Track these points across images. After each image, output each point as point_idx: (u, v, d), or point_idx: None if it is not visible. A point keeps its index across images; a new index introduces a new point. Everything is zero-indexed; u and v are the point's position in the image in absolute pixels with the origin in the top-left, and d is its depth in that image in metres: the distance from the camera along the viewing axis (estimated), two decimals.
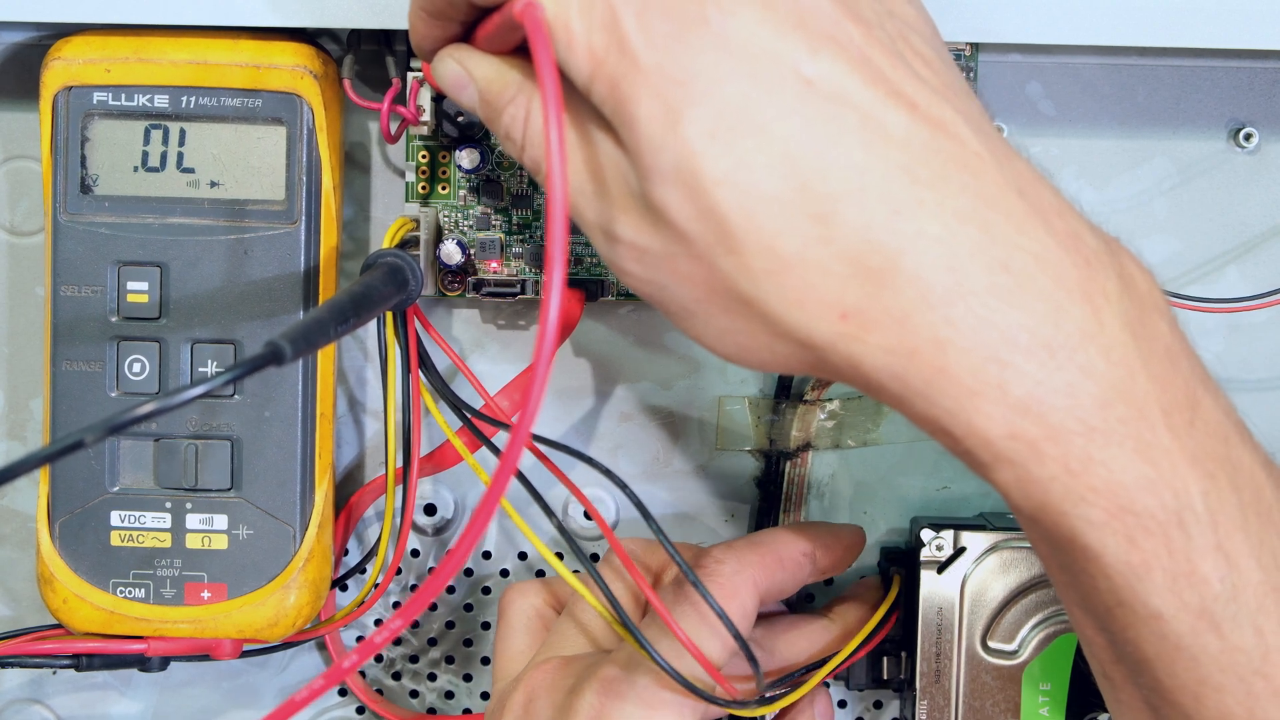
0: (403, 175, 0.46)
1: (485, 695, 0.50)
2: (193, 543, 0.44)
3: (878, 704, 0.50)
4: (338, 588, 0.48)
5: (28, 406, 0.48)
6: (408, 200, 0.45)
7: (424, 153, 0.45)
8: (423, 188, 0.45)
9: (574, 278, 0.45)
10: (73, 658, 0.44)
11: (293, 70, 0.42)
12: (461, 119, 0.44)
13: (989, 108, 0.45)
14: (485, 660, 0.50)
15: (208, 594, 0.43)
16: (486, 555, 0.49)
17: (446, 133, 0.44)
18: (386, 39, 0.44)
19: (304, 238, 0.43)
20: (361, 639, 0.49)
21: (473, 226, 0.45)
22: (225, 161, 0.43)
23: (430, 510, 0.49)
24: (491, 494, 0.28)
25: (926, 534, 0.44)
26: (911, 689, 0.45)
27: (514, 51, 0.34)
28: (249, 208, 0.43)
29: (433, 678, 0.50)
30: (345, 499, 0.47)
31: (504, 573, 0.49)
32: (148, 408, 0.30)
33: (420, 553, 0.49)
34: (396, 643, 0.50)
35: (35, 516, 0.44)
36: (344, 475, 0.48)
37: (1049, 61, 0.46)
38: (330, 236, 0.44)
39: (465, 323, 0.48)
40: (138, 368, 0.43)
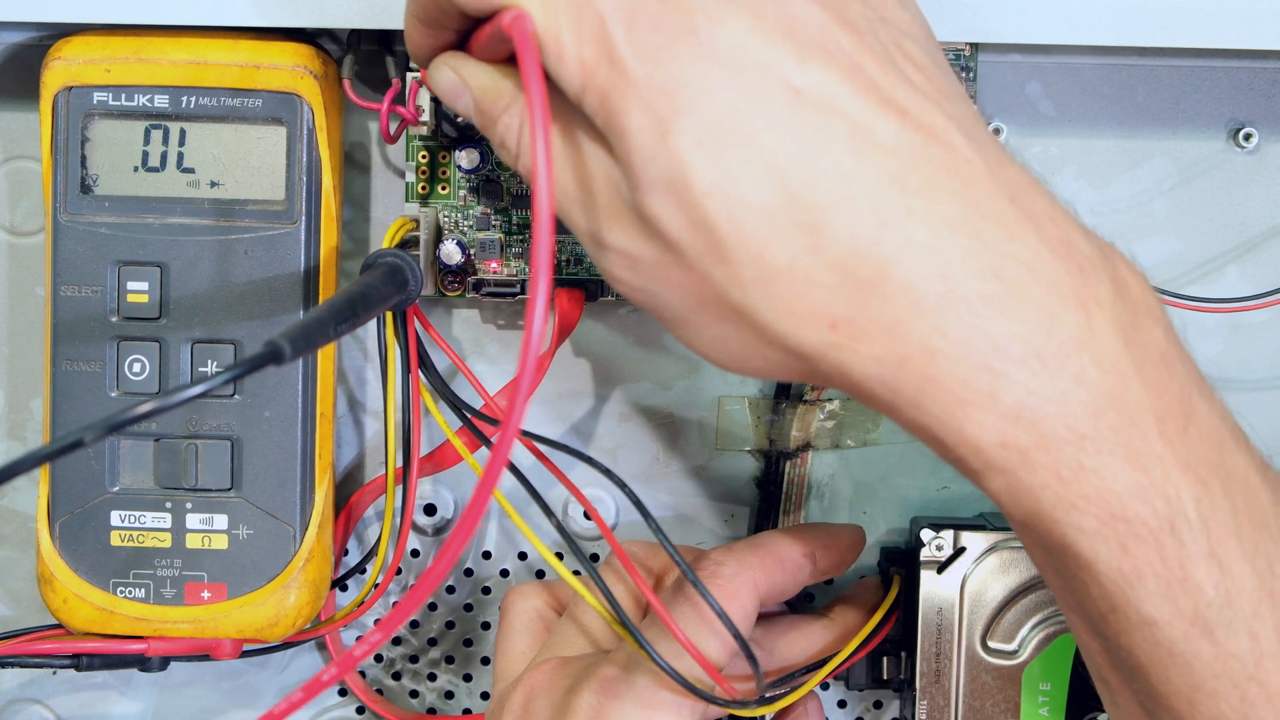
0: (402, 175, 0.46)
1: (485, 695, 0.50)
2: (193, 543, 0.44)
3: (878, 704, 0.50)
4: (338, 588, 0.48)
5: (28, 406, 0.48)
6: (407, 200, 0.45)
7: (424, 153, 0.45)
8: (422, 188, 0.45)
9: (574, 278, 0.45)
10: (72, 658, 0.44)
11: (293, 70, 0.42)
12: (461, 120, 0.44)
13: (988, 108, 0.46)
14: (485, 660, 0.50)
15: (208, 594, 0.44)
16: (486, 555, 0.49)
17: (446, 133, 0.44)
18: (386, 39, 0.44)
19: (304, 238, 0.43)
20: (361, 639, 0.49)
21: (472, 226, 0.45)
22: (225, 161, 0.43)
23: (430, 510, 0.49)
24: (482, 488, 0.28)
25: (926, 534, 0.44)
26: (911, 689, 0.45)
27: (509, 59, 0.34)
28: (249, 208, 0.43)
29: (433, 678, 0.50)
30: (345, 499, 0.47)
31: (504, 573, 0.49)
32: (147, 407, 0.30)
33: (420, 553, 0.49)
34: (396, 642, 0.50)
35: (35, 516, 0.44)
36: (344, 475, 0.48)
37: (1049, 61, 0.46)
38: (330, 236, 0.44)
39: (465, 323, 0.48)
40: (138, 368, 0.43)
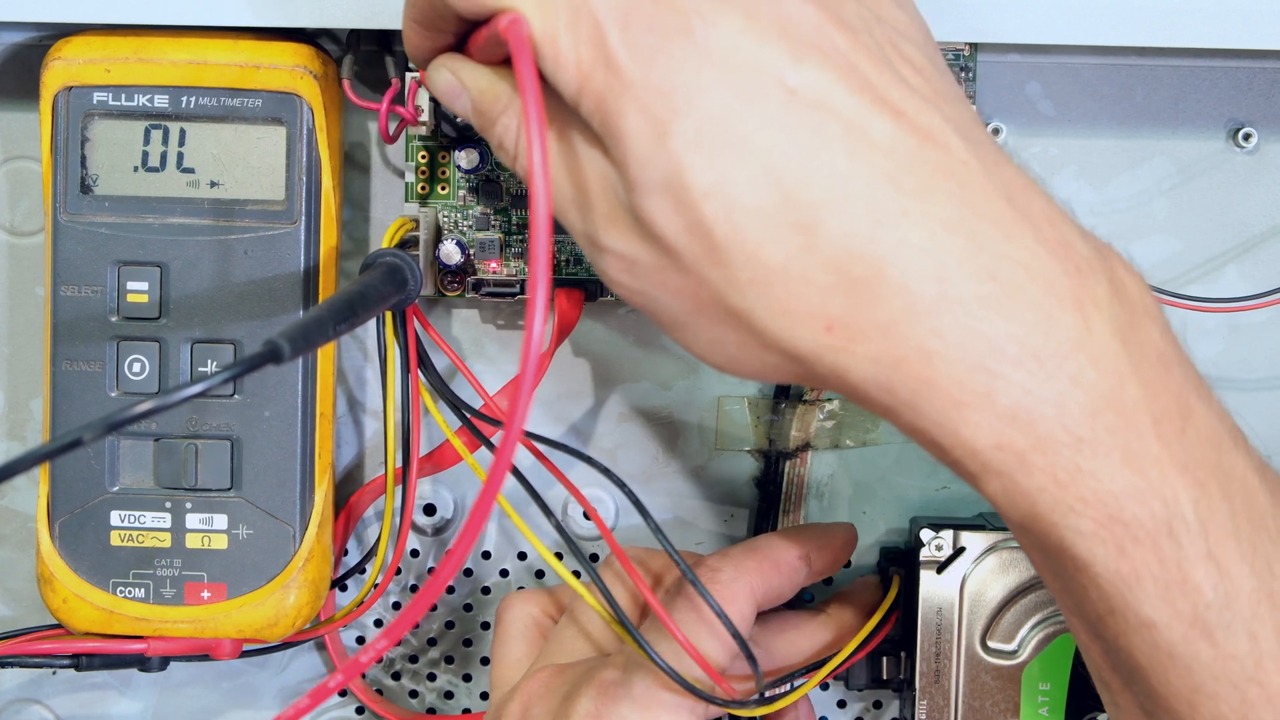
0: (402, 175, 0.46)
1: (485, 695, 0.50)
2: (192, 542, 0.44)
3: (878, 704, 0.50)
4: (337, 588, 0.48)
5: (28, 406, 0.48)
6: (407, 200, 0.45)
7: (423, 153, 0.45)
8: (422, 188, 0.45)
9: (574, 278, 0.45)
10: (72, 658, 0.44)
11: (292, 70, 0.42)
12: (460, 120, 0.44)
13: (988, 108, 0.46)
14: (485, 660, 0.50)
15: (207, 594, 0.44)
16: (486, 555, 0.49)
17: (445, 133, 0.44)
18: (386, 39, 0.45)
19: (303, 238, 0.43)
20: (362, 640, 0.49)
21: (472, 226, 0.45)
22: (225, 161, 0.43)
23: (430, 510, 0.49)
24: (485, 494, 0.28)
25: (926, 534, 0.44)
26: (911, 689, 0.45)
27: (507, 61, 0.34)
28: (249, 208, 0.43)
29: (432, 678, 0.50)
30: (345, 499, 0.47)
31: (503, 573, 0.49)
32: (146, 406, 0.30)
33: (420, 553, 0.49)
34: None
35: (35, 516, 0.44)
36: (344, 475, 0.48)
37: (1048, 61, 0.46)
38: (330, 236, 0.44)
39: (464, 323, 0.48)
40: (138, 367, 0.43)
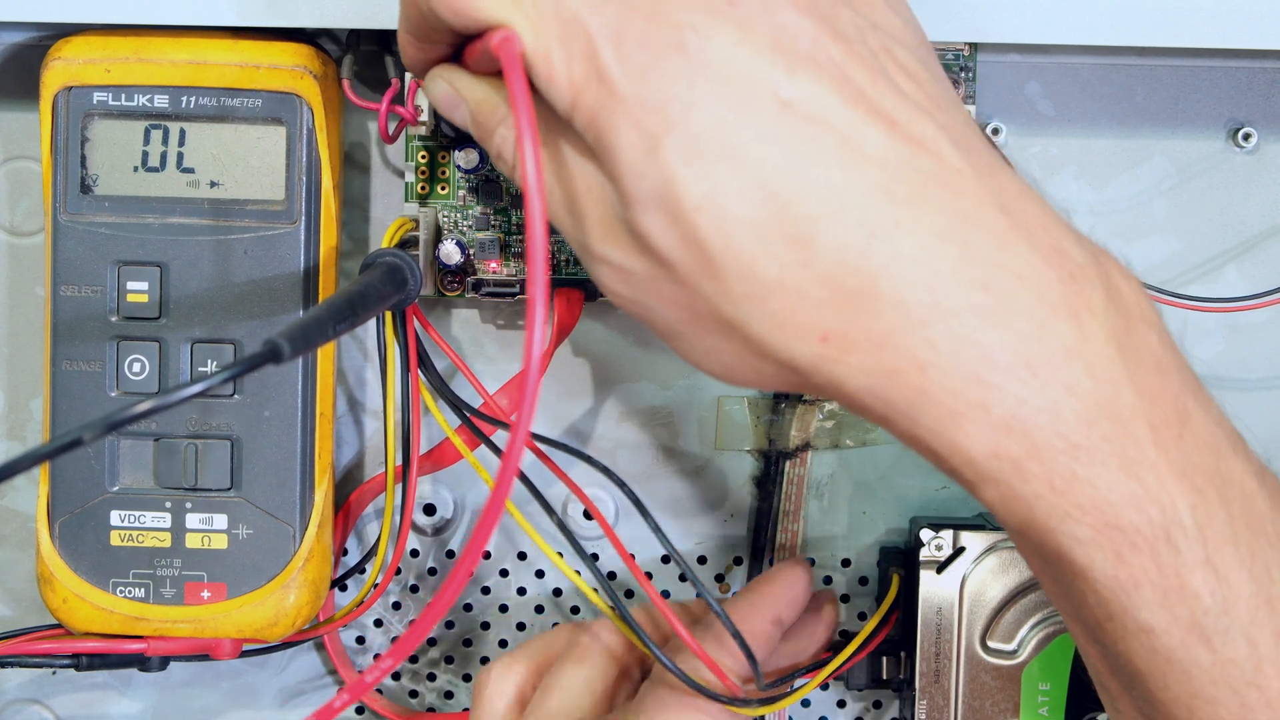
0: (402, 175, 0.46)
1: None
2: (192, 542, 0.44)
3: (878, 704, 0.50)
4: (337, 588, 0.48)
5: (28, 406, 0.48)
6: (407, 200, 0.45)
7: (423, 153, 0.45)
8: (422, 188, 0.45)
9: (574, 278, 0.45)
10: (72, 658, 0.44)
11: (292, 70, 0.42)
12: (462, 128, 0.44)
13: (987, 108, 0.46)
14: (485, 660, 0.50)
15: (207, 594, 0.44)
16: (486, 555, 0.49)
17: (445, 133, 0.44)
18: (385, 39, 0.45)
19: (303, 237, 0.43)
20: (362, 640, 0.49)
21: (472, 226, 0.45)
22: (225, 161, 0.43)
23: (430, 510, 0.49)
24: (496, 497, 0.28)
25: (926, 534, 0.44)
26: (911, 689, 0.45)
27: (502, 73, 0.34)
28: (249, 208, 0.43)
29: (432, 678, 0.50)
30: (344, 498, 0.47)
31: (503, 573, 0.49)
32: (146, 405, 0.30)
33: (420, 553, 0.49)
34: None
35: (35, 516, 0.44)
36: (343, 475, 0.48)
37: (1048, 61, 0.46)
38: (329, 236, 0.44)
39: (464, 323, 0.48)
40: (137, 367, 0.43)
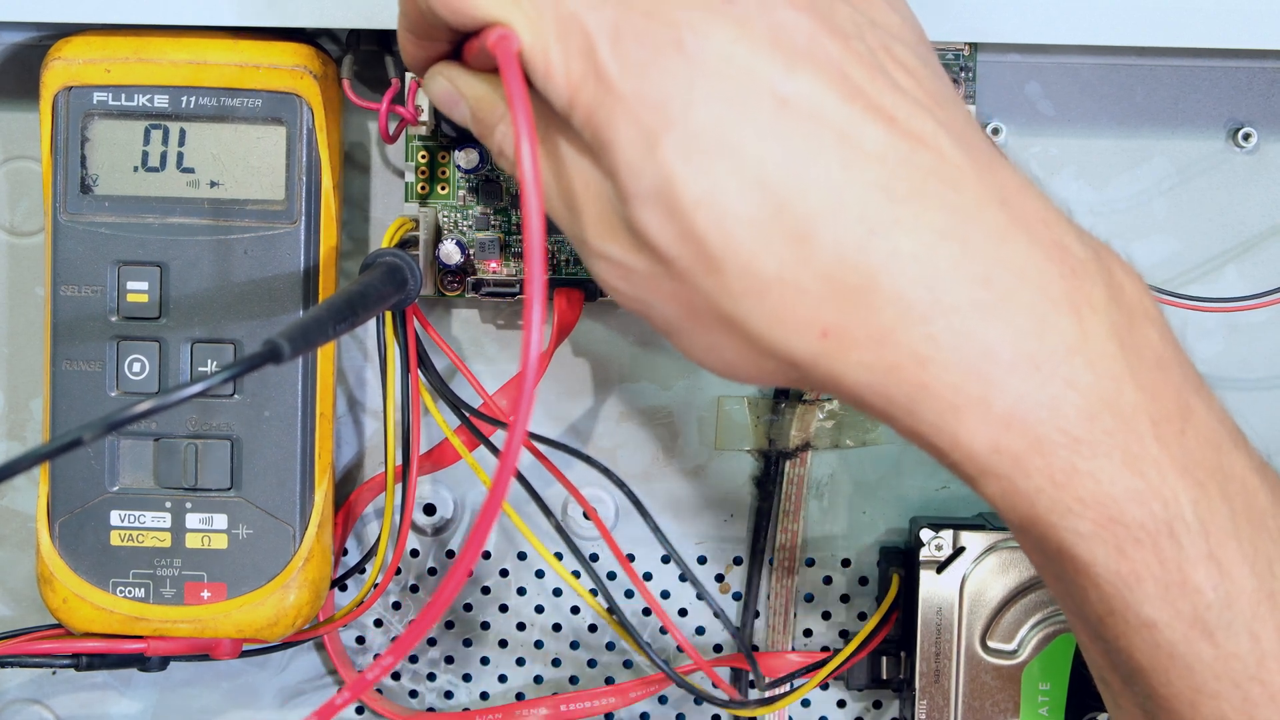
0: (402, 175, 0.46)
1: (485, 695, 0.50)
2: (192, 542, 0.44)
3: (878, 704, 0.50)
4: (337, 588, 0.48)
5: (28, 406, 0.48)
6: (407, 200, 0.45)
7: (423, 153, 0.45)
8: (422, 188, 0.45)
9: (574, 278, 0.45)
10: (72, 658, 0.44)
11: (292, 70, 0.42)
12: (462, 126, 0.44)
13: (987, 107, 0.46)
14: (485, 660, 0.50)
15: (207, 594, 0.44)
16: (486, 555, 0.49)
17: (445, 133, 0.44)
18: (386, 39, 0.45)
19: (303, 237, 0.43)
20: (362, 640, 0.49)
21: (472, 226, 0.45)
22: (225, 161, 0.43)
23: (430, 510, 0.49)
24: (490, 503, 0.28)
25: (926, 534, 0.44)
26: (911, 689, 0.45)
27: None
28: (249, 207, 0.43)
29: (432, 678, 0.50)
30: (344, 498, 0.47)
31: (503, 573, 0.49)
32: (146, 405, 0.30)
33: (420, 552, 0.49)
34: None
35: (35, 516, 0.44)
36: (343, 475, 0.48)
37: (1048, 61, 0.46)
38: (329, 236, 0.44)
39: (464, 323, 0.48)
40: (137, 367, 0.43)
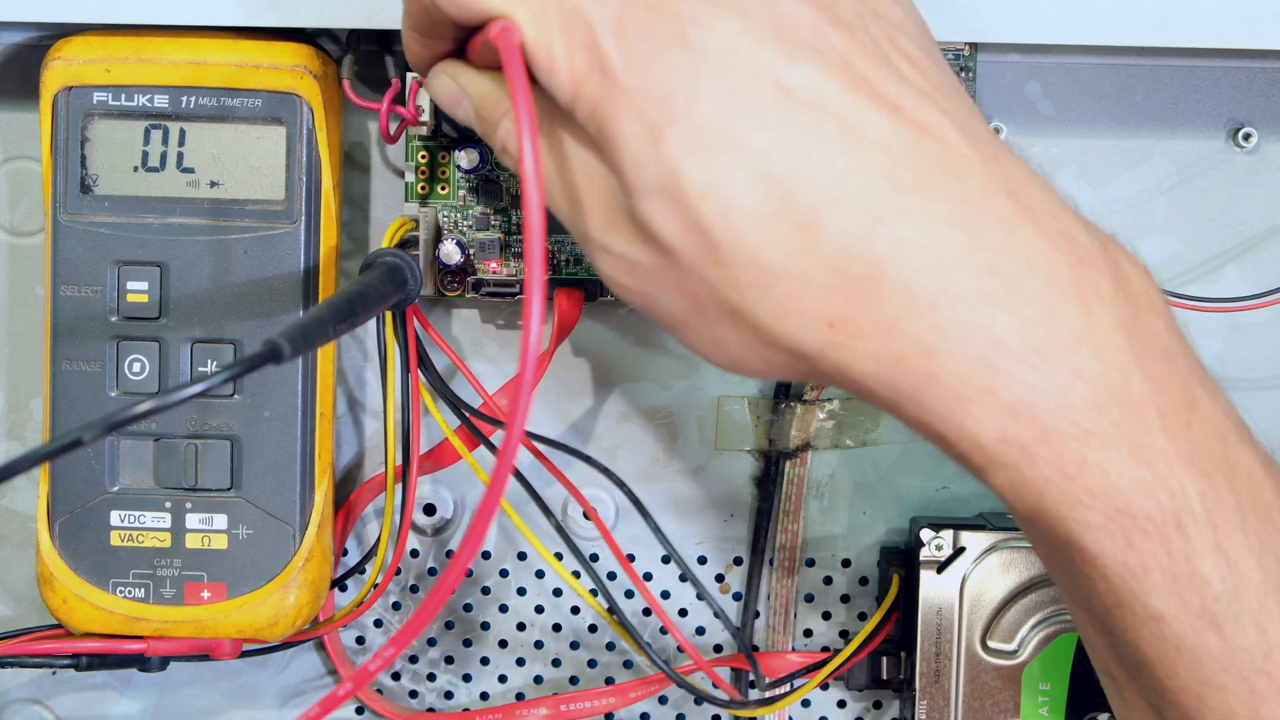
0: (402, 175, 0.46)
1: (485, 695, 0.50)
2: (192, 542, 0.44)
3: (878, 704, 0.50)
4: (337, 588, 0.48)
5: (28, 406, 0.48)
6: (407, 200, 0.45)
7: (423, 153, 0.45)
8: (422, 188, 0.45)
9: (573, 278, 0.45)
10: (72, 658, 0.44)
11: (292, 70, 0.42)
12: (465, 125, 0.44)
13: (988, 107, 0.46)
14: (485, 660, 0.50)
15: (207, 594, 0.43)
16: (486, 555, 0.49)
17: (445, 133, 0.44)
18: (386, 39, 0.45)
19: (303, 237, 0.43)
20: (361, 640, 0.49)
21: (472, 226, 0.45)
22: (225, 161, 0.43)
23: (430, 510, 0.49)
24: (489, 497, 0.28)
25: (926, 534, 0.44)
26: (911, 689, 0.45)
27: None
28: (249, 207, 0.43)
29: (432, 678, 0.50)
30: (344, 498, 0.47)
31: (503, 573, 0.49)
32: (146, 406, 0.30)
33: (419, 553, 0.49)
34: None
35: (35, 516, 0.44)
36: (343, 475, 0.48)
37: (1048, 61, 0.46)
38: (329, 236, 0.44)
39: (464, 323, 0.48)
40: (137, 367, 0.43)
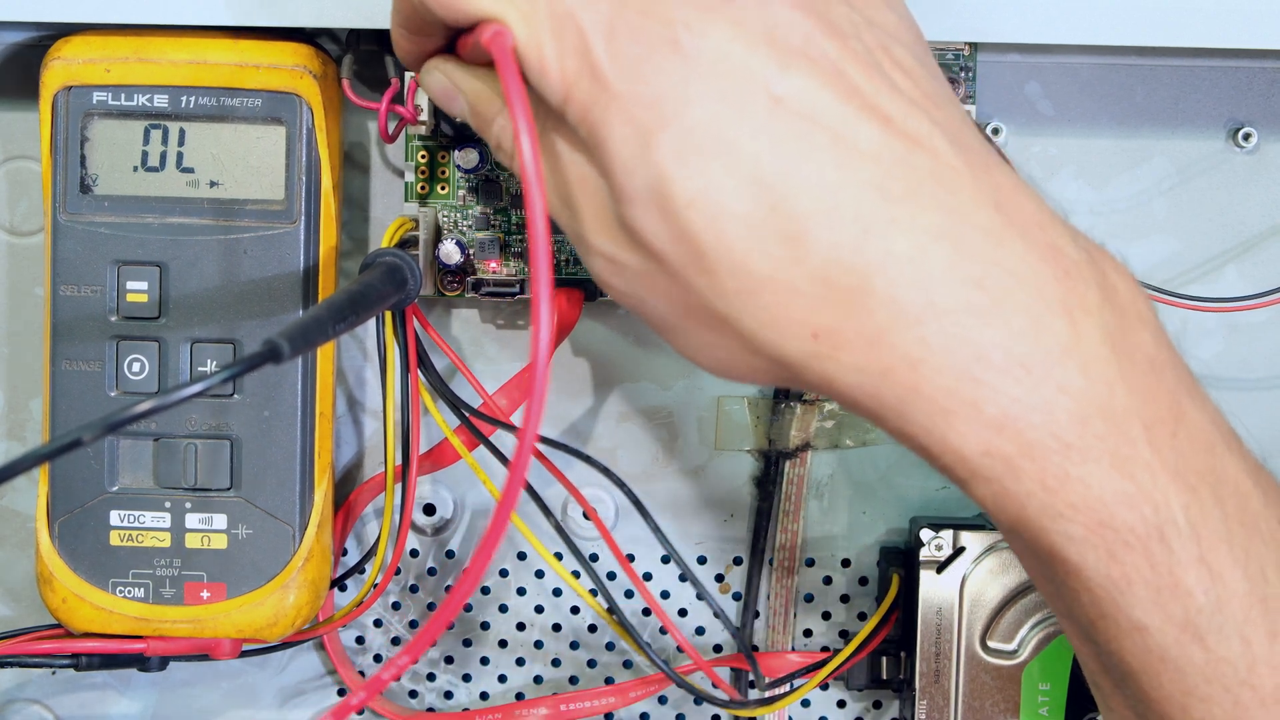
0: (402, 175, 0.46)
1: (485, 695, 0.50)
2: (192, 542, 0.44)
3: (877, 704, 0.50)
4: (337, 588, 0.48)
5: (27, 406, 0.48)
6: (406, 200, 0.45)
7: (423, 152, 0.45)
8: (421, 187, 0.45)
9: (573, 278, 0.45)
10: (72, 658, 0.44)
11: (292, 70, 0.42)
12: (459, 119, 0.44)
13: (987, 107, 0.46)
14: (485, 660, 0.50)
15: (207, 594, 0.43)
16: None
17: (445, 132, 0.44)
18: (386, 39, 0.44)
19: (303, 237, 0.43)
20: (361, 640, 0.49)
21: (471, 226, 0.45)
22: (225, 161, 0.43)
23: (429, 510, 0.49)
24: (503, 506, 0.28)
25: (926, 534, 0.44)
26: (911, 689, 0.45)
27: None
28: (248, 207, 0.43)
29: (432, 678, 0.50)
30: (344, 498, 0.47)
31: (503, 573, 0.49)
32: (145, 406, 0.30)
33: (419, 552, 0.49)
34: (395, 642, 0.50)
35: (35, 516, 0.44)
36: (343, 475, 0.48)
37: (1048, 61, 0.46)
38: (329, 236, 0.44)
39: (464, 322, 0.48)
40: (137, 367, 0.43)
